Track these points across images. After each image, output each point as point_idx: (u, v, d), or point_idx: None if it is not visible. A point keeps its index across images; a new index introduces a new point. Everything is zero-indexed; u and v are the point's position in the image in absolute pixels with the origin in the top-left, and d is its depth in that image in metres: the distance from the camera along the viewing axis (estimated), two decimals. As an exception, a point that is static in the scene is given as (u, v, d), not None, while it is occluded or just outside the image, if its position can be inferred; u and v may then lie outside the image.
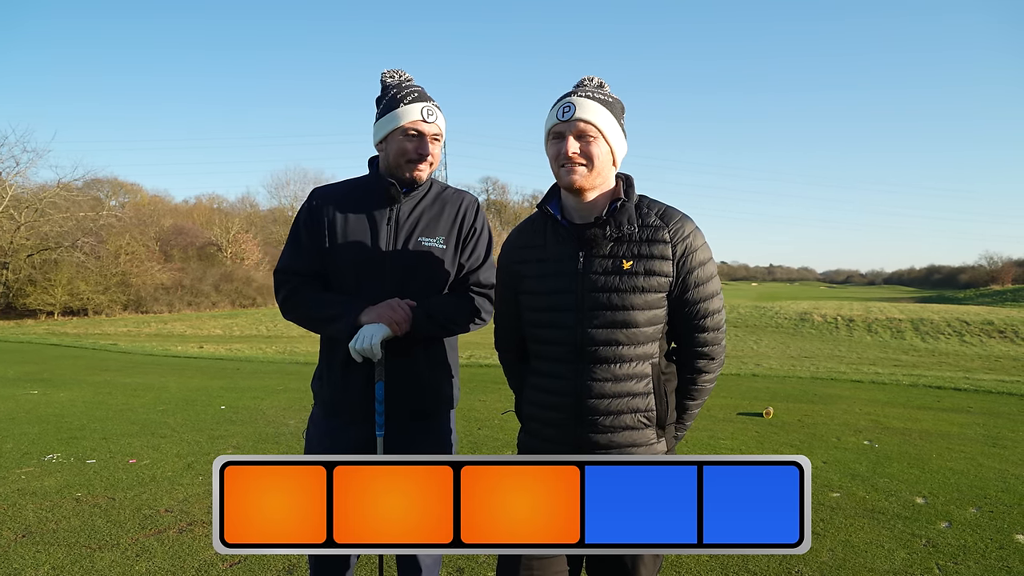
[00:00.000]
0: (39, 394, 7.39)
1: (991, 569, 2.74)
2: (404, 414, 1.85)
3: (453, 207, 1.93)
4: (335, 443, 1.87)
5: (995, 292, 60.11)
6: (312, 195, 1.94)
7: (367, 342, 1.71)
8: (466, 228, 1.93)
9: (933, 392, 7.52)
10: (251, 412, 6.19)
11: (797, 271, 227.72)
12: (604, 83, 1.60)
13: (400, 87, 1.84)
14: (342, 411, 1.87)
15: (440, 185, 1.98)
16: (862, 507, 3.49)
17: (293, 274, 1.91)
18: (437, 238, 1.88)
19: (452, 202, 1.93)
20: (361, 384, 1.83)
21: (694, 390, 1.61)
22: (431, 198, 1.92)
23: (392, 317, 1.75)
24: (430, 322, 1.82)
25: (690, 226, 1.55)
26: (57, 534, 3.11)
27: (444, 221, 1.90)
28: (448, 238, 1.90)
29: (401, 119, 1.80)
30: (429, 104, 1.83)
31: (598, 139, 1.51)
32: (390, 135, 1.84)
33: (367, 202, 1.88)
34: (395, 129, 1.82)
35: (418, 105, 1.81)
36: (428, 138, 1.82)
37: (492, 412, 6.06)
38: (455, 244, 1.91)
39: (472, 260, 1.94)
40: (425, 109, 1.81)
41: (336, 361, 1.86)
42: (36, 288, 27.49)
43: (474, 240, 1.94)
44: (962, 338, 23.11)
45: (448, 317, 1.85)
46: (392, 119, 1.82)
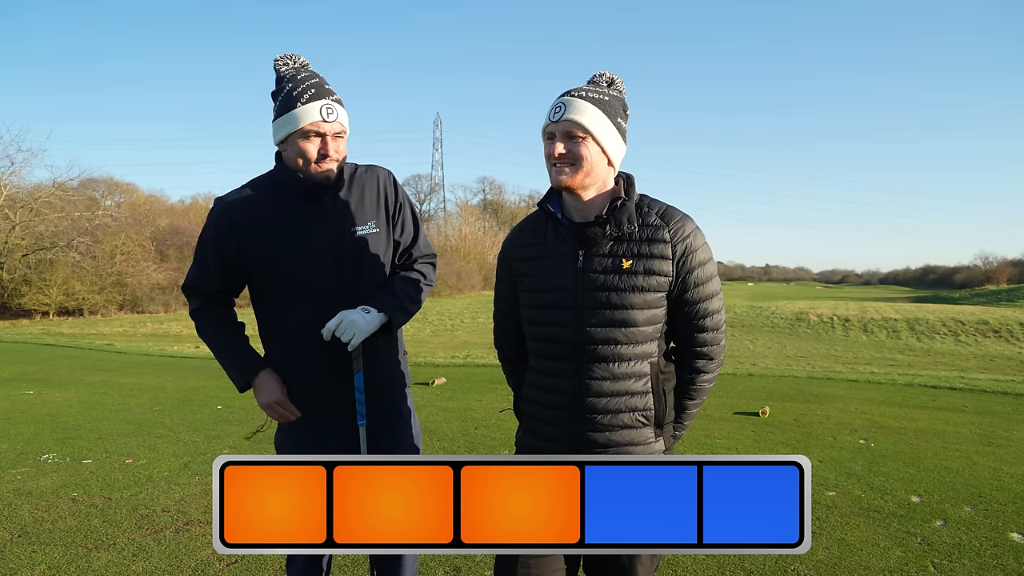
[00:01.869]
0: (35, 394, 7.36)
1: (986, 567, 2.76)
2: (378, 399, 1.87)
3: (372, 187, 1.88)
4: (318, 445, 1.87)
5: (990, 292, 60.37)
6: (218, 207, 1.81)
7: (356, 339, 1.73)
8: (391, 205, 1.90)
9: (928, 391, 7.55)
10: (248, 412, 6.18)
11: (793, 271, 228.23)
12: (616, 79, 1.59)
13: (296, 81, 1.72)
14: (324, 412, 1.86)
15: (349, 167, 1.88)
16: (858, 506, 3.50)
17: (198, 294, 1.87)
18: (368, 223, 1.84)
19: (369, 182, 1.88)
20: (336, 380, 1.83)
21: (693, 390, 1.62)
22: (347, 184, 1.85)
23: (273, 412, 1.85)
24: (404, 313, 1.85)
25: (690, 226, 1.56)
26: (53, 534, 3.10)
27: (368, 204, 1.86)
28: (378, 220, 1.87)
29: (300, 121, 1.69)
30: (328, 101, 1.70)
31: (586, 140, 1.50)
32: (289, 137, 1.73)
33: (287, 204, 1.79)
34: (294, 131, 1.70)
35: (316, 104, 1.69)
36: (330, 137, 1.72)
37: (490, 412, 6.06)
38: (386, 223, 1.89)
39: (405, 234, 1.94)
40: (324, 108, 1.70)
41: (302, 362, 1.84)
42: (31, 288, 27.34)
43: (401, 214, 1.92)
44: (957, 338, 23.21)
45: (413, 300, 1.88)
46: (290, 121, 1.70)
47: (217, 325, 1.89)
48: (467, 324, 27.56)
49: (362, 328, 1.73)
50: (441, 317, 30.60)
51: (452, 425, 5.50)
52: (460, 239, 57.58)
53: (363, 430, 1.81)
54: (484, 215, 68.38)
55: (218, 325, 1.89)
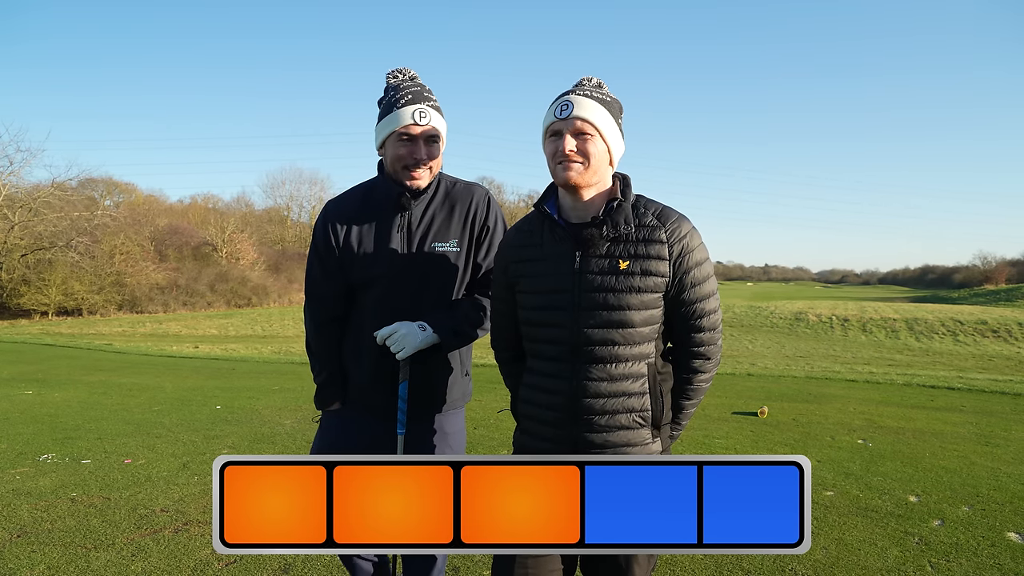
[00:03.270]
0: (34, 394, 7.35)
1: (983, 566, 2.76)
2: (419, 413, 1.89)
3: (463, 205, 1.90)
4: (354, 433, 1.94)
5: (989, 292, 60.45)
6: (325, 211, 1.94)
7: (404, 353, 1.77)
8: (478, 226, 1.91)
9: (927, 391, 7.56)
10: (247, 412, 6.18)
11: (792, 271, 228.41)
12: (603, 83, 1.60)
13: (398, 89, 1.81)
14: (368, 405, 1.92)
15: (449, 181, 1.94)
16: (855, 505, 3.51)
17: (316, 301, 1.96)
18: (450, 242, 1.87)
19: (462, 200, 1.91)
20: (387, 381, 1.87)
21: (690, 390, 1.62)
22: (440, 198, 1.89)
23: None
24: (457, 338, 1.86)
25: (687, 226, 1.56)
26: (52, 534, 3.10)
27: (455, 222, 1.88)
28: (461, 240, 1.89)
29: (394, 124, 1.78)
30: (421, 106, 1.78)
31: (595, 137, 1.51)
32: (387, 140, 1.82)
33: (378, 211, 1.87)
34: (390, 134, 1.80)
35: (411, 108, 1.77)
36: (422, 140, 1.79)
37: (488, 412, 6.06)
38: (468, 244, 1.90)
39: (489, 258, 1.93)
40: (417, 112, 1.77)
41: (357, 352, 1.91)
42: (30, 288, 27.32)
43: (488, 238, 1.93)
44: (956, 338, 23.25)
45: (472, 326, 1.88)
46: (386, 124, 1.80)
47: (326, 351, 1.97)
48: (466, 324, 27.50)
49: (412, 343, 1.76)
50: (440, 317, 30.52)
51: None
52: (459, 239, 57.36)
53: (401, 439, 1.84)
54: (483, 215, 68.12)
55: (326, 351, 1.97)
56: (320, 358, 1.96)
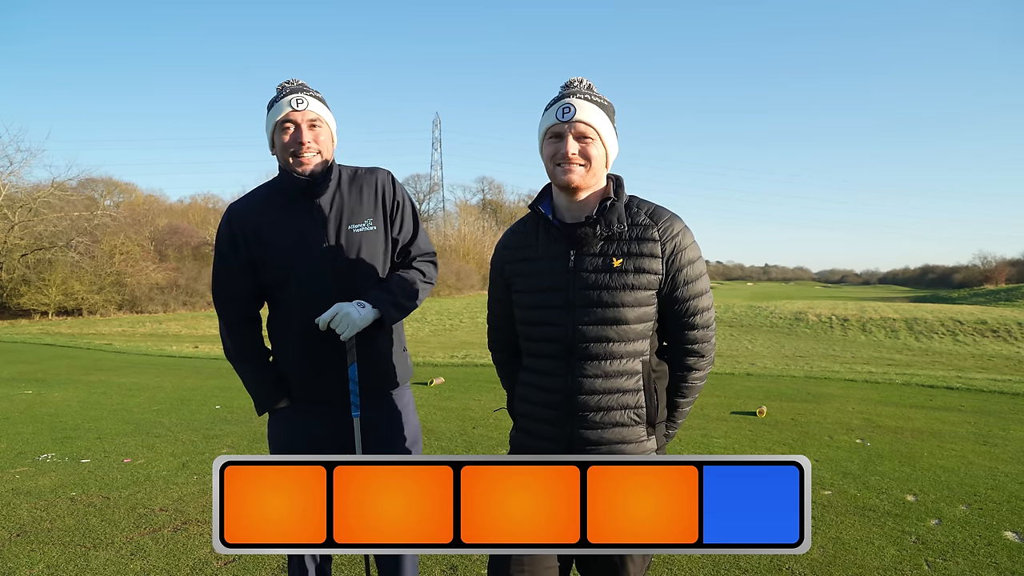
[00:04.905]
0: (33, 394, 7.35)
1: (980, 565, 2.77)
2: (372, 393, 1.90)
3: (370, 186, 1.93)
4: (304, 429, 1.92)
5: (989, 292, 60.45)
6: (228, 213, 1.91)
7: (348, 333, 1.76)
8: (389, 203, 1.94)
9: (926, 391, 7.57)
10: (246, 412, 6.18)
11: (792, 271, 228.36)
12: (592, 85, 1.63)
13: (281, 90, 1.84)
14: (315, 398, 1.90)
15: (350, 169, 1.96)
16: (853, 504, 3.52)
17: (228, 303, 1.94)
18: (365, 221, 1.89)
19: (367, 181, 1.93)
20: (332, 367, 1.86)
21: (685, 388, 1.64)
22: (346, 183, 1.91)
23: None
24: (398, 310, 1.87)
25: (679, 225, 1.58)
26: (52, 533, 3.10)
27: (366, 202, 1.90)
28: (375, 218, 1.91)
29: (275, 115, 1.81)
30: (299, 95, 1.81)
31: (595, 140, 1.54)
32: (273, 134, 1.84)
33: (285, 205, 1.87)
34: (273, 128, 1.83)
35: (288, 97, 1.80)
36: (304, 125, 1.81)
37: (487, 411, 6.07)
38: (384, 221, 1.93)
39: (404, 232, 1.97)
40: (294, 99, 1.80)
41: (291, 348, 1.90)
42: (30, 288, 27.29)
43: (400, 212, 1.96)
44: (955, 337, 23.26)
45: (408, 297, 1.91)
46: (269, 119, 1.84)
47: (248, 349, 1.97)
48: (466, 324, 27.56)
49: (355, 321, 1.77)
50: (440, 317, 30.60)
51: (450, 425, 5.51)
52: (459, 239, 57.56)
53: (357, 422, 1.85)
54: (483, 215, 68.32)
55: (249, 349, 1.97)
56: (247, 360, 1.95)
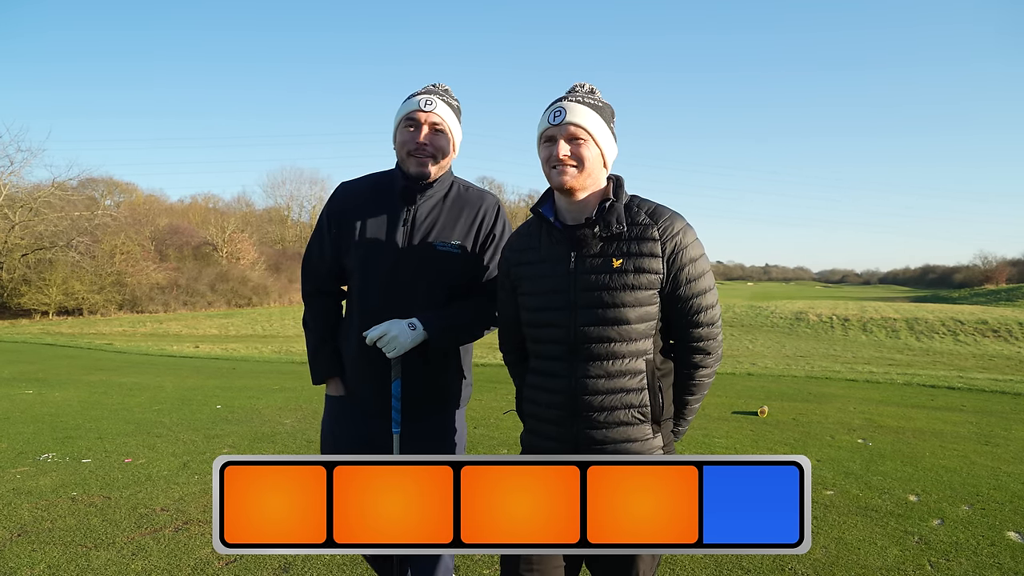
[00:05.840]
0: (34, 394, 7.35)
1: (982, 566, 2.76)
2: (414, 412, 1.87)
3: (472, 210, 1.90)
4: (353, 431, 1.93)
5: (989, 291, 60.43)
6: (334, 191, 1.98)
7: (396, 353, 1.76)
8: (484, 232, 1.90)
9: (927, 391, 7.56)
10: (247, 412, 6.18)
11: (793, 271, 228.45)
12: (595, 89, 1.64)
13: (424, 89, 1.89)
14: (360, 400, 1.92)
15: (462, 184, 1.95)
16: (855, 505, 3.51)
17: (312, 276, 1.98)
18: (453, 242, 1.86)
19: (471, 204, 1.90)
20: (377, 378, 1.86)
21: (692, 386, 1.64)
22: (451, 199, 1.89)
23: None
24: (446, 335, 1.84)
25: (679, 223, 1.58)
26: (52, 533, 3.10)
27: (462, 224, 1.88)
28: (465, 242, 1.87)
29: (402, 111, 1.85)
30: (428, 95, 1.83)
31: (588, 142, 1.56)
32: (396, 129, 1.88)
33: (386, 201, 1.88)
34: (398, 123, 1.86)
35: (419, 97, 1.83)
36: (427, 127, 1.82)
37: (488, 411, 6.06)
38: (472, 248, 1.89)
39: (489, 267, 1.91)
40: (424, 100, 1.81)
41: (351, 350, 1.91)
42: (31, 288, 27.33)
43: (492, 245, 1.91)
44: (956, 337, 23.24)
45: (464, 327, 1.87)
46: (398, 114, 1.87)
47: (315, 320, 1.98)
48: (466, 323, 27.50)
49: (402, 343, 1.75)
50: (440, 316, 30.53)
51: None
52: (459, 238, 57.43)
53: (397, 438, 1.82)
54: (483, 215, 68.10)
55: (316, 320, 1.98)
56: (311, 330, 1.98)
